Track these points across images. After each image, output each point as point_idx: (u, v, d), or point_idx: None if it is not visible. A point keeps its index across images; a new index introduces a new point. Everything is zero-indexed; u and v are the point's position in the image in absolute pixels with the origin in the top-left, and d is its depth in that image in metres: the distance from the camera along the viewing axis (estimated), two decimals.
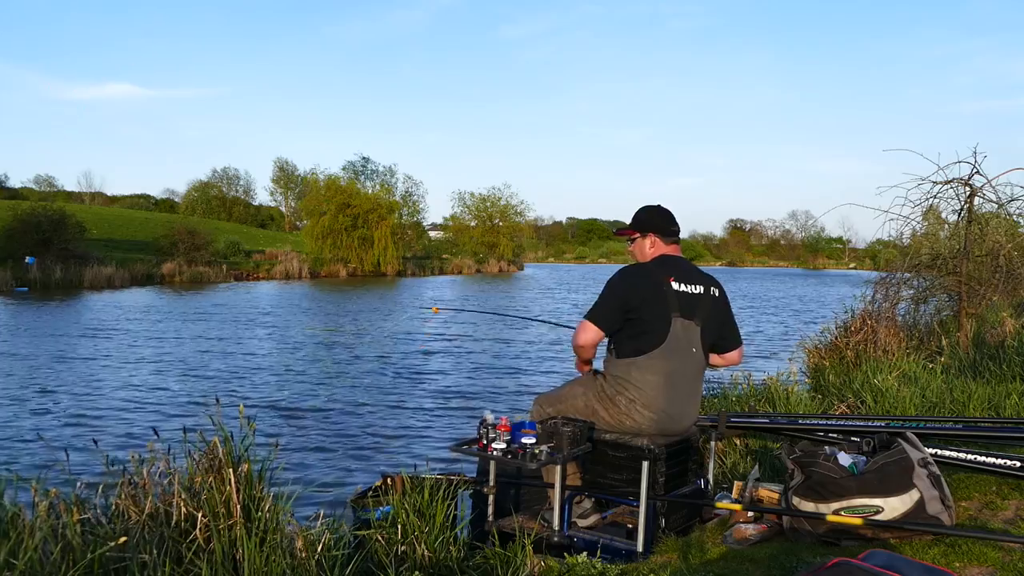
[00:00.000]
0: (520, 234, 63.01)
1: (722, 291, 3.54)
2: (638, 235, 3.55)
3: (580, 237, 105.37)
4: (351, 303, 26.13)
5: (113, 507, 2.77)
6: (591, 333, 3.38)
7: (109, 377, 11.17)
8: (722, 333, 3.52)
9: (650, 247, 3.51)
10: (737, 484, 3.67)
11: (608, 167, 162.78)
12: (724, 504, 3.43)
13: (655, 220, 3.53)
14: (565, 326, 3.94)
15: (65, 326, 17.35)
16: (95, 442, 6.06)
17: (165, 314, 20.68)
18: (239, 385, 10.79)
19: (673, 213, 3.58)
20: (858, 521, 2.91)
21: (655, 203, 3.61)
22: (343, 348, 14.85)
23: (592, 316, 3.39)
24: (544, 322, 16.25)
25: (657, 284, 3.33)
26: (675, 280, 3.36)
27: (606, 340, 3.46)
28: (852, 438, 3.71)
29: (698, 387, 3.53)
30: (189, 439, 2.96)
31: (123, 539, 2.51)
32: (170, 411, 9.02)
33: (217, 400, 3.43)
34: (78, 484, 2.81)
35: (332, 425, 8.51)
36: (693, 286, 3.40)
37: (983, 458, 3.50)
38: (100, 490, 2.86)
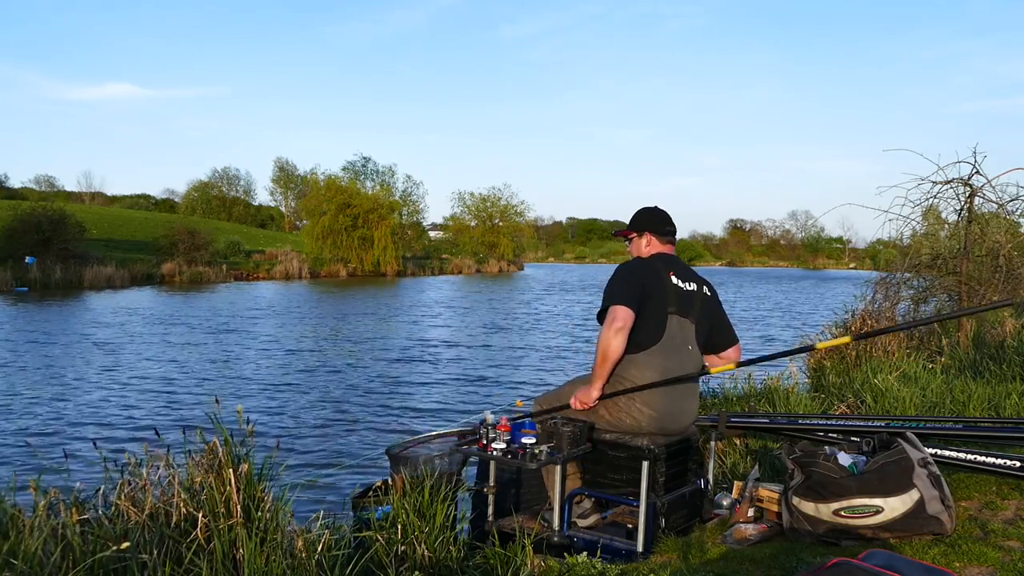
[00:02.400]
0: (520, 234, 63.01)
1: (714, 291, 3.61)
2: (635, 235, 3.63)
3: (580, 237, 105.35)
4: (351, 304, 26.13)
5: (113, 507, 2.77)
6: (625, 315, 3.21)
7: (108, 377, 11.17)
8: (716, 332, 3.56)
9: (646, 246, 3.59)
10: (737, 484, 3.66)
11: (608, 167, 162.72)
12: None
13: (651, 220, 3.62)
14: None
15: (65, 326, 17.35)
16: (95, 443, 6.05)
17: (165, 314, 20.68)
18: (239, 385, 10.79)
19: (669, 214, 3.65)
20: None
21: (652, 204, 3.70)
22: (343, 349, 14.85)
23: (619, 299, 3.25)
24: None
25: (661, 277, 3.39)
26: (674, 276, 3.43)
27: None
28: (852, 438, 3.71)
29: (695, 385, 3.57)
30: (189, 439, 2.96)
31: (126, 544, 2.51)
32: (170, 411, 9.03)
33: (217, 400, 3.43)
34: (78, 484, 2.81)
35: (333, 424, 8.51)
36: (689, 283, 3.48)
37: (983, 458, 3.50)
38: (100, 491, 2.86)
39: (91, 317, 19.44)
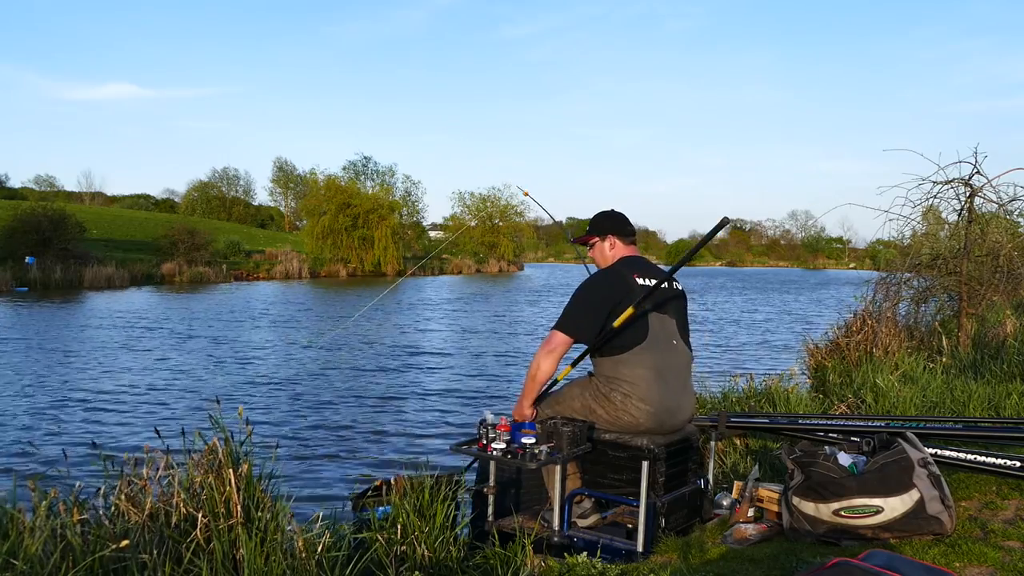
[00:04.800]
0: (520, 234, 62.97)
1: (682, 288, 3.63)
2: (597, 239, 3.62)
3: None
4: (351, 304, 26.12)
5: (113, 507, 2.77)
6: (561, 341, 3.30)
7: (108, 378, 11.17)
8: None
9: (610, 248, 3.59)
10: (737, 484, 3.66)
11: (608, 167, 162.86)
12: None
13: (613, 223, 3.61)
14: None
15: (65, 326, 17.34)
16: (94, 443, 6.06)
17: (165, 315, 20.67)
18: (239, 385, 10.79)
19: (627, 216, 3.66)
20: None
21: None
22: (343, 349, 14.85)
23: (563, 326, 3.33)
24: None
25: (629, 284, 3.38)
26: (639, 276, 3.42)
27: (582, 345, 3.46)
28: (852, 438, 3.71)
29: (688, 380, 3.56)
30: (189, 439, 2.96)
31: (125, 542, 2.50)
32: (170, 411, 9.02)
33: (217, 400, 3.43)
34: (77, 484, 2.81)
35: (332, 425, 8.50)
36: (655, 280, 3.47)
37: (983, 458, 3.50)
38: (100, 491, 2.86)
39: (91, 317, 19.43)
